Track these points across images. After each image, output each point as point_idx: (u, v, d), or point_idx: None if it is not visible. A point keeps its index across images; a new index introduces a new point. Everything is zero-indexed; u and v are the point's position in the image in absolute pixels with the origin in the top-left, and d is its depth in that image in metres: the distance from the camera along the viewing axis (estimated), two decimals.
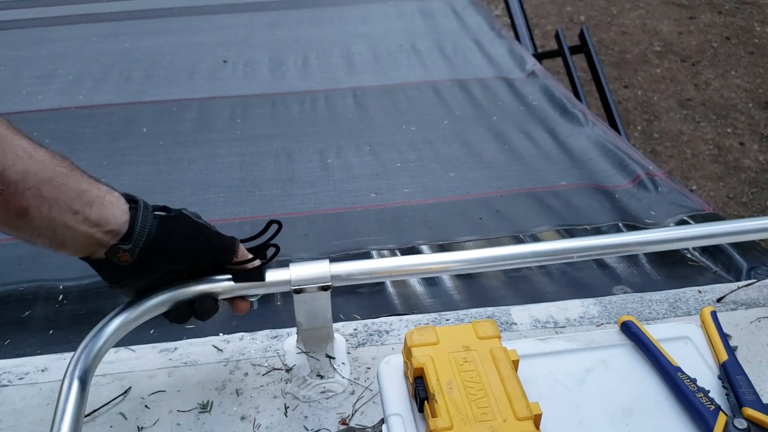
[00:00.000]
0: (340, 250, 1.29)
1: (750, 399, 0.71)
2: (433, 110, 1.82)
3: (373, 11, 2.46)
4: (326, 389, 0.85)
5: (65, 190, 0.64)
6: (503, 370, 0.68)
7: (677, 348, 0.77)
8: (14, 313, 1.13)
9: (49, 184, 0.63)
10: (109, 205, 0.68)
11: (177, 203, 1.47)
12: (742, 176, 3.16)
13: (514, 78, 1.99)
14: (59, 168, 0.65)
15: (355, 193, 1.48)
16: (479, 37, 2.25)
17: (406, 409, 0.69)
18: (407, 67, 2.06)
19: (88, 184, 0.67)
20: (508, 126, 1.74)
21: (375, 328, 0.95)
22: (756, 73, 3.92)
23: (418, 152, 1.63)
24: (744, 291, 1.00)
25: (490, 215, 1.39)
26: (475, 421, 0.63)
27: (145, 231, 0.70)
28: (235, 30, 2.30)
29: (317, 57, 2.12)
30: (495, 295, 1.16)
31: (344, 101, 1.87)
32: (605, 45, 4.17)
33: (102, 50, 2.16)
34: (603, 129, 1.71)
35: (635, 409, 0.71)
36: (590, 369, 0.76)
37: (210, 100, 1.87)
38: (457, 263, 0.88)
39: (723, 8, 4.57)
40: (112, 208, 0.68)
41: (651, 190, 1.47)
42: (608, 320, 0.95)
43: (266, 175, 1.55)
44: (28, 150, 0.63)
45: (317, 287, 0.81)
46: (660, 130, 3.46)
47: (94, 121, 1.77)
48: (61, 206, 0.64)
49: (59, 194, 0.64)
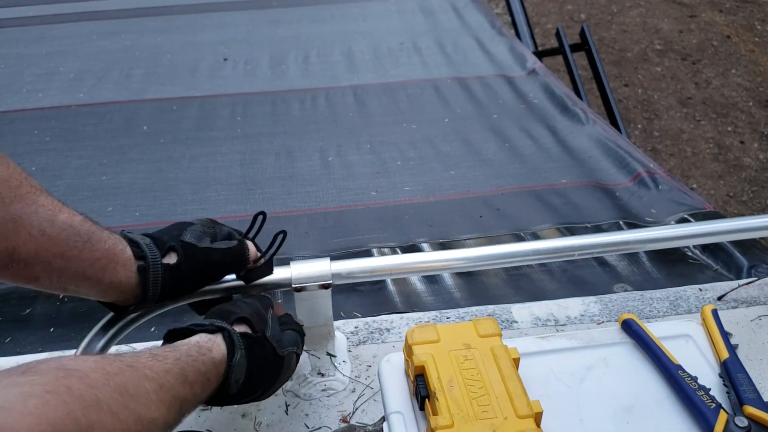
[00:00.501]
0: (340, 248, 1.29)
1: (751, 397, 0.71)
2: (434, 108, 1.82)
3: (374, 9, 2.46)
4: (327, 387, 0.85)
5: (77, 261, 0.66)
6: (504, 368, 0.68)
7: (678, 346, 0.77)
8: (15, 311, 1.13)
9: (60, 258, 0.65)
10: (122, 269, 0.69)
11: (178, 201, 1.48)
12: (742, 174, 3.16)
13: (515, 76, 1.99)
14: (74, 239, 0.66)
15: (355, 191, 1.48)
16: (480, 35, 2.25)
17: (407, 407, 0.69)
18: (408, 65, 2.06)
19: (103, 251, 0.67)
20: (508, 124, 1.74)
21: (376, 326, 0.95)
22: (756, 71, 3.91)
23: (419, 150, 1.63)
24: (745, 289, 1.00)
25: (490, 213, 1.39)
26: (475, 419, 0.63)
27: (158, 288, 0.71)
28: (235, 28, 2.30)
29: (318, 55, 2.12)
30: (496, 293, 1.16)
31: (345, 99, 1.87)
32: (606, 43, 4.17)
33: (103, 48, 2.16)
34: (603, 127, 1.71)
35: (636, 407, 0.71)
36: (591, 367, 0.76)
37: (211, 98, 1.87)
38: (458, 261, 0.88)
39: (723, 7, 4.57)
40: (125, 271, 0.69)
41: (651, 188, 1.47)
42: (609, 318, 0.95)
43: (267, 173, 1.55)
44: (44, 226, 0.64)
45: (318, 285, 0.81)
46: (660, 129, 3.46)
47: (94, 118, 1.77)
48: (71, 275, 0.66)
49: (70, 265, 0.65)
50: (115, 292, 0.70)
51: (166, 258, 0.72)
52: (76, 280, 0.67)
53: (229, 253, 0.75)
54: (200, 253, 0.73)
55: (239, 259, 0.76)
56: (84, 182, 1.51)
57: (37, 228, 0.63)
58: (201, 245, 0.74)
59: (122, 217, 1.39)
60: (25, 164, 0.99)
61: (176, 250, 0.72)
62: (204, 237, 0.75)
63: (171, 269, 0.72)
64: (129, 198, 1.45)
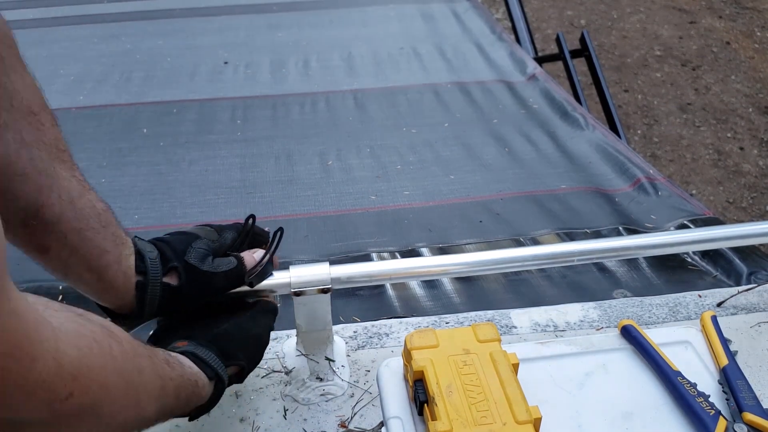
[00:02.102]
0: (340, 252, 1.29)
1: (750, 404, 0.71)
2: (434, 113, 1.83)
3: (374, 14, 2.47)
4: (326, 392, 0.85)
5: (89, 245, 0.65)
6: (503, 374, 0.68)
7: (677, 352, 0.77)
8: None
9: (77, 234, 0.64)
10: (122, 276, 0.68)
11: (177, 204, 1.48)
12: (741, 181, 3.16)
13: (515, 81, 1.99)
14: (95, 220, 0.66)
15: (355, 195, 1.48)
16: (480, 40, 2.25)
17: (406, 412, 0.69)
18: (408, 70, 2.06)
19: (113, 245, 0.68)
20: (508, 129, 1.74)
21: (375, 330, 0.94)
22: (756, 78, 3.92)
23: (419, 155, 1.63)
24: (744, 296, 1.00)
25: (490, 218, 1.39)
26: (474, 424, 0.63)
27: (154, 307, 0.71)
28: (235, 32, 2.31)
29: (318, 59, 2.12)
30: (495, 298, 1.16)
31: (345, 103, 1.87)
32: (606, 49, 4.17)
33: (103, 51, 2.16)
34: (603, 133, 1.71)
35: (635, 414, 0.71)
36: (590, 373, 0.76)
37: (211, 101, 1.88)
38: (457, 266, 0.88)
39: (723, 13, 4.58)
40: (124, 279, 0.69)
41: (651, 194, 1.47)
42: (608, 324, 0.95)
43: (266, 176, 1.55)
44: (73, 194, 0.64)
45: (317, 290, 0.81)
46: (660, 134, 3.47)
47: (94, 121, 1.77)
48: (79, 259, 0.65)
49: (82, 246, 0.65)
50: (111, 296, 0.69)
51: (168, 277, 0.71)
52: (80, 267, 0.66)
53: (229, 275, 0.75)
54: (202, 277, 0.73)
55: (234, 280, 0.76)
56: None
57: (67, 194, 0.63)
58: (204, 268, 0.73)
59: (121, 219, 1.38)
60: None
61: (178, 271, 0.72)
62: (207, 256, 0.74)
63: (171, 290, 0.71)
64: (128, 201, 1.45)
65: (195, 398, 0.66)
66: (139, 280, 0.69)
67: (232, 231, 0.80)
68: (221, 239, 0.78)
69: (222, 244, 0.77)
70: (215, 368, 0.69)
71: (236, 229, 0.80)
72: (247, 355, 0.74)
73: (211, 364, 0.68)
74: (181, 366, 0.64)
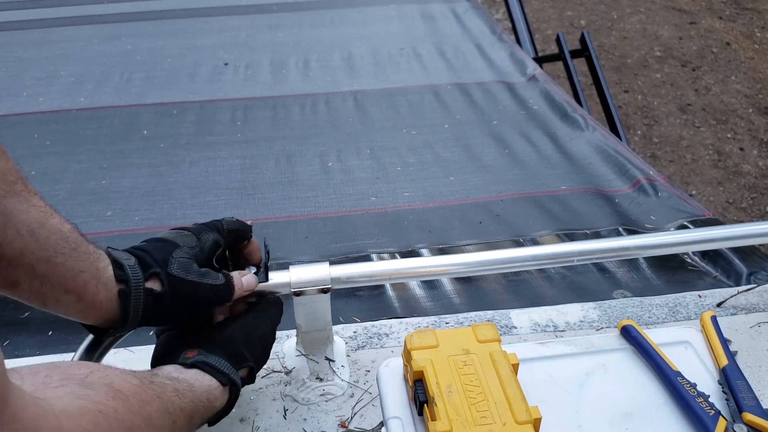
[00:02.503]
0: (340, 253, 1.29)
1: (750, 404, 0.71)
2: (434, 114, 1.83)
3: (374, 14, 2.47)
4: (325, 392, 0.85)
5: (61, 270, 0.63)
6: (503, 374, 0.68)
7: (677, 352, 0.77)
8: (13, 314, 1.13)
9: (45, 262, 0.62)
10: (103, 288, 0.66)
11: (178, 206, 1.48)
12: (741, 181, 3.17)
13: (515, 82, 1.99)
14: (62, 245, 0.63)
15: (355, 196, 1.48)
16: (480, 41, 2.25)
17: (406, 413, 0.69)
18: (408, 71, 2.06)
19: (87, 263, 0.65)
20: (508, 130, 1.75)
21: (375, 330, 0.95)
22: (756, 78, 3.92)
23: (419, 156, 1.63)
24: (744, 296, 1.00)
25: (490, 219, 1.39)
26: (474, 424, 0.63)
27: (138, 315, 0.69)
28: (236, 32, 2.31)
29: (318, 60, 2.12)
30: (495, 298, 1.16)
31: (345, 104, 1.87)
32: (606, 49, 4.18)
33: (103, 52, 2.16)
34: (603, 133, 1.71)
35: (635, 414, 0.71)
36: (590, 373, 0.76)
37: (211, 102, 1.88)
38: (457, 266, 0.88)
39: (723, 14, 4.58)
40: (106, 291, 0.66)
41: (651, 194, 1.47)
42: (608, 324, 0.95)
43: (267, 178, 1.55)
44: (33, 226, 0.61)
45: (317, 290, 0.81)
46: (660, 135, 3.47)
47: (95, 123, 1.77)
48: (54, 285, 0.63)
49: (54, 273, 0.63)
50: (95, 312, 0.67)
51: (150, 282, 0.69)
52: (57, 292, 0.64)
53: (216, 291, 0.73)
54: (187, 287, 0.71)
55: (222, 296, 0.74)
56: (84, 186, 1.51)
57: (27, 227, 0.61)
58: (189, 278, 0.71)
59: (122, 221, 1.40)
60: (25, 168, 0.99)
61: (160, 278, 0.70)
62: (191, 264, 0.72)
63: (154, 296, 0.69)
64: (129, 202, 1.46)
65: (209, 413, 0.67)
66: (121, 288, 0.67)
67: (212, 232, 0.77)
68: (201, 243, 0.75)
69: (202, 248, 0.75)
70: (228, 374, 0.69)
71: (215, 228, 0.78)
72: (255, 356, 0.74)
73: (224, 371, 0.68)
74: (191, 390, 0.64)
